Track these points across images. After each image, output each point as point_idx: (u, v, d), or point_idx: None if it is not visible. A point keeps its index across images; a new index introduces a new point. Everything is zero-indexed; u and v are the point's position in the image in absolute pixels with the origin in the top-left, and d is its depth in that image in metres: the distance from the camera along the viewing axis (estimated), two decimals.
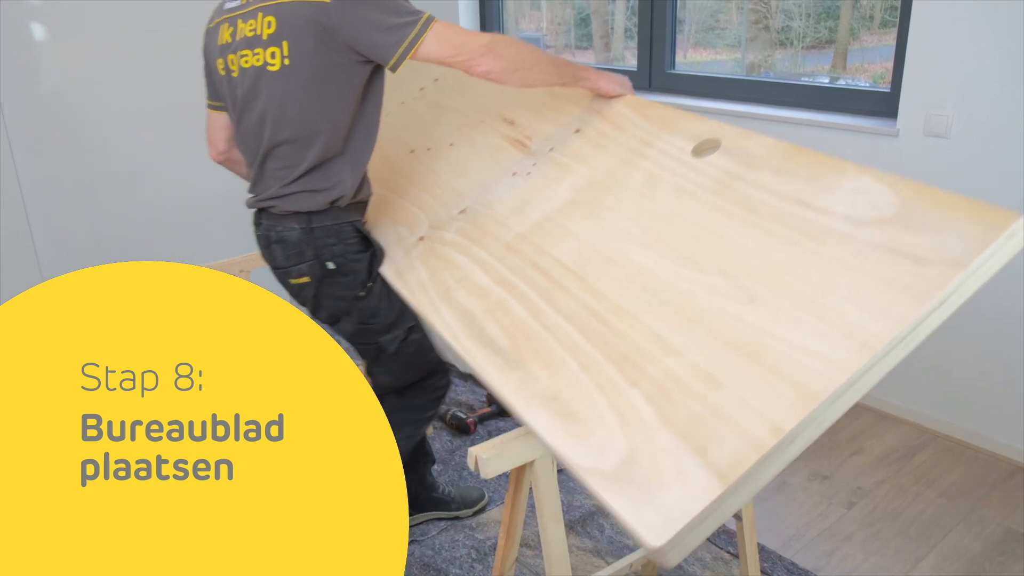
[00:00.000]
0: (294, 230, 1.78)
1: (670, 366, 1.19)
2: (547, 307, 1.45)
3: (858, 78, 3.00)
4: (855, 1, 2.94)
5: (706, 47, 3.52)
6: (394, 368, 1.97)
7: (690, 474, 1.03)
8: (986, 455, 2.55)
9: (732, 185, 1.46)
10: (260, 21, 1.67)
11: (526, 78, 1.71)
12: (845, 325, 1.10)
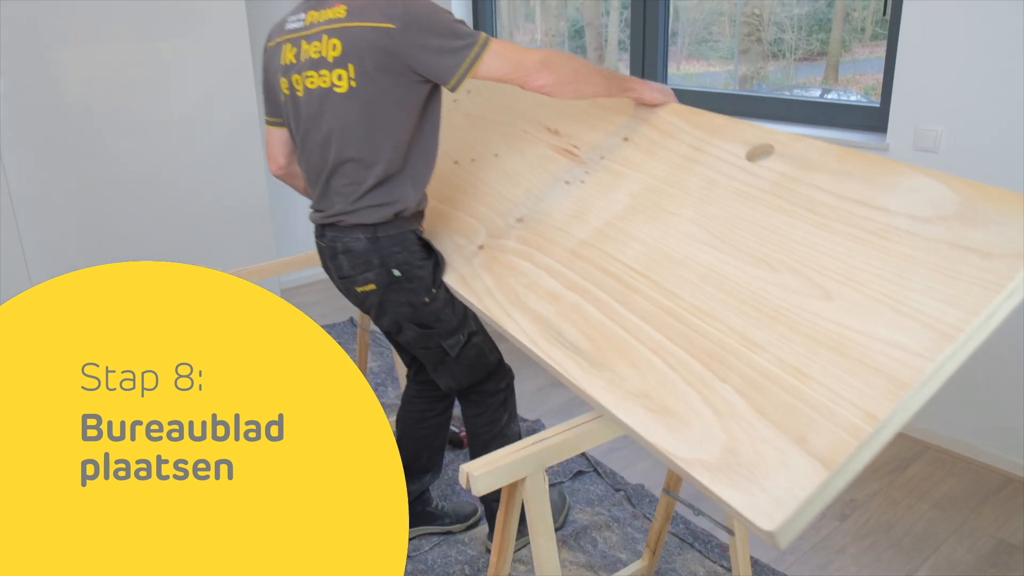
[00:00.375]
0: (360, 240, 1.84)
1: (757, 361, 1.25)
2: (623, 309, 1.50)
3: (850, 90, 3.02)
4: (846, 14, 2.96)
5: (699, 59, 3.54)
6: (456, 372, 2.01)
7: (793, 462, 1.09)
8: (978, 466, 2.56)
9: (791, 187, 1.53)
10: (325, 44, 1.74)
11: (578, 91, 1.79)
12: (922, 317, 1.17)
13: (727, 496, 1.09)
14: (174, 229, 3.22)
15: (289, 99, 1.85)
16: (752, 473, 1.10)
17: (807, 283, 1.33)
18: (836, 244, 1.36)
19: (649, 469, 2.59)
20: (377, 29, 1.68)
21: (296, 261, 2.44)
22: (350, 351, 3.47)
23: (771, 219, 1.49)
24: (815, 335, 1.23)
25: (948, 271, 1.20)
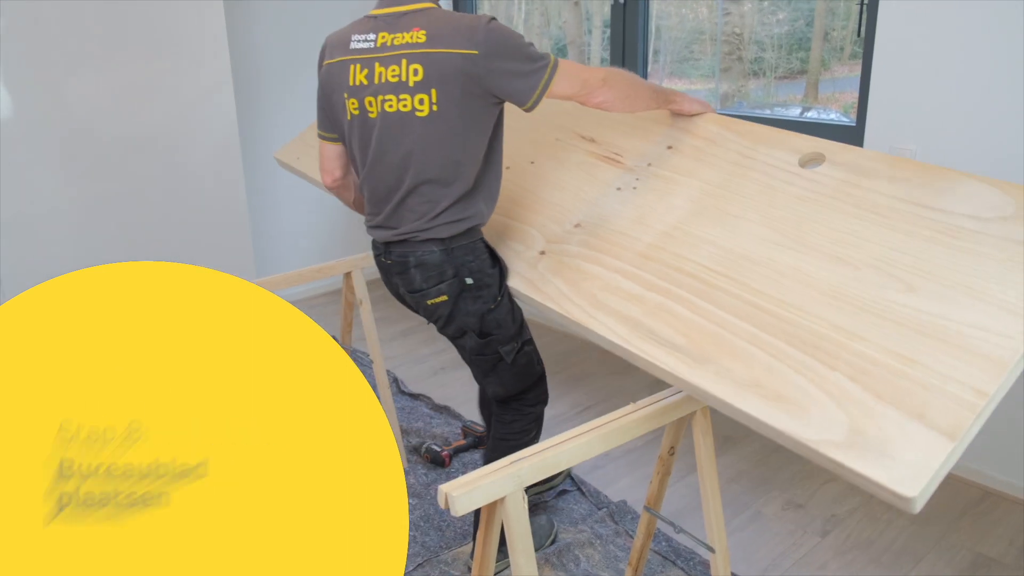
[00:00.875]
0: (434, 252, 1.89)
1: (859, 349, 1.36)
2: (711, 306, 1.57)
3: (830, 108, 3.05)
4: (825, 33, 3.00)
5: (681, 77, 3.57)
6: (506, 379, 2.06)
7: (918, 436, 1.21)
8: (956, 480, 2.58)
9: (851, 192, 1.63)
10: (405, 68, 1.77)
11: (632, 106, 1.91)
12: (1004, 304, 1.31)
13: (865, 470, 1.20)
14: (153, 247, 3.21)
15: (357, 119, 1.88)
16: (882, 449, 1.21)
17: (888, 277, 1.44)
18: (907, 242, 1.48)
19: (631, 486, 2.59)
20: (462, 55, 1.73)
21: (274, 281, 2.43)
22: None
23: (839, 221, 1.60)
24: (907, 323, 1.36)
25: (1018, 263, 1.36)
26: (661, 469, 1.85)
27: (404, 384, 3.31)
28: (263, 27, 3.97)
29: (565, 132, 2.26)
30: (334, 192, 2.16)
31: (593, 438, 1.51)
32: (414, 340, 3.81)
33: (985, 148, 2.33)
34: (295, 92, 4.14)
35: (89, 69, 2.93)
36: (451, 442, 2.82)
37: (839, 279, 1.48)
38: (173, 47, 3.11)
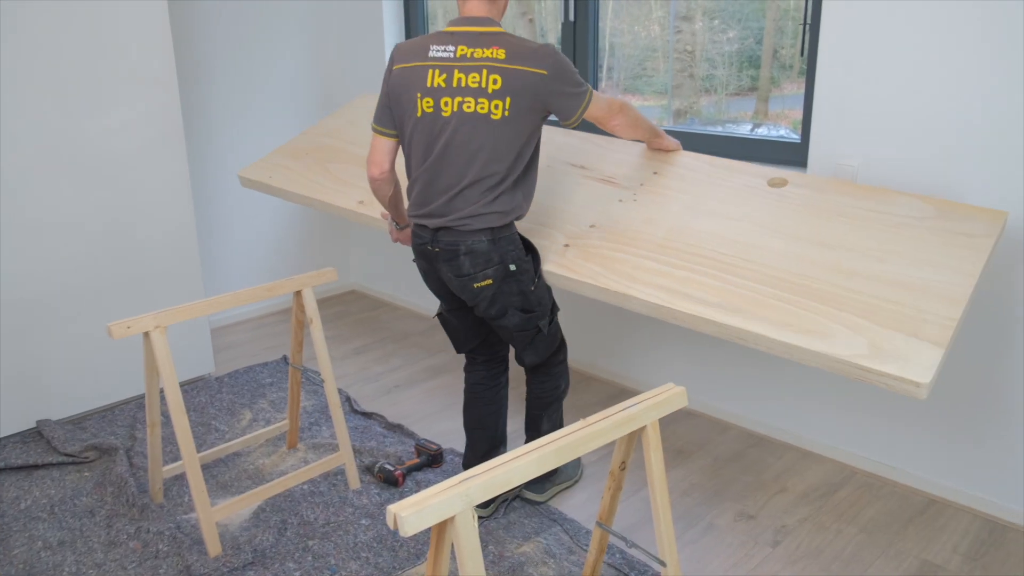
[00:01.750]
0: (483, 242, 2.20)
1: (859, 297, 1.90)
2: (732, 276, 2.06)
3: (779, 124, 3.11)
4: (774, 51, 3.06)
5: (635, 93, 3.61)
6: (541, 348, 2.42)
7: (918, 346, 1.76)
8: (902, 489, 2.63)
9: (817, 202, 2.18)
10: (485, 77, 2.11)
11: (634, 133, 2.37)
12: (950, 266, 1.90)
13: (890, 370, 1.72)
14: (98, 269, 3.14)
15: (428, 116, 2.18)
16: (897, 357, 1.74)
17: (862, 255, 2.00)
18: (870, 232, 2.05)
19: (585, 502, 2.60)
20: (534, 74, 2.10)
21: (224, 300, 2.39)
22: (282, 390, 3.41)
23: (812, 219, 2.14)
24: (888, 280, 1.92)
25: (953, 243, 1.95)
26: (612, 484, 1.85)
27: (357, 403, 3.28)
28: (209, 49, 3.93)
29: (555, 161, 2.68)
30: (377, 183, 2.35)
31: (544, 454, 1.51)
32: (366, 358, 3.78)
33: (924, 163, 2.39)
34: (244, 110, 4.10)
35: (35, 93, 2.87)
36: (404, 461, 2.79)
37: (827, 256, 2.01)
38: (117, 67, 3.06)
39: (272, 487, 2.49)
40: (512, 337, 2.39)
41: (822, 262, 2.00)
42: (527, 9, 3.94)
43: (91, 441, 2.93)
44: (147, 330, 2.24)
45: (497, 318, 2.33)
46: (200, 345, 3.53)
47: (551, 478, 2.62)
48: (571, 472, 2.70)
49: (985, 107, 2.25)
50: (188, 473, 2.28)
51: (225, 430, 3.08)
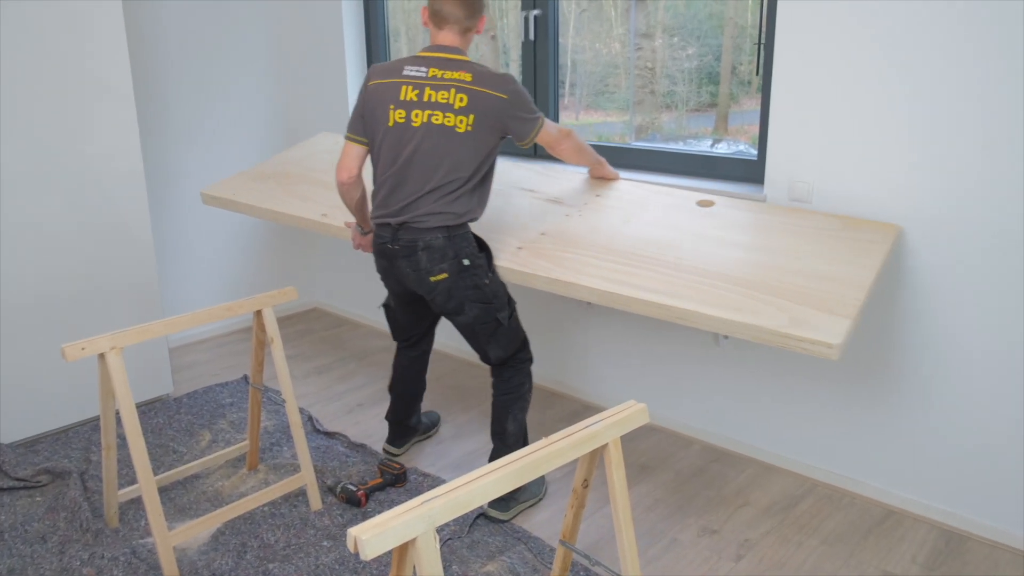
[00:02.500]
0: (439, 238, 2.43)
1: (780, 285, 2.17)
2: (668, 270, 2.33)
3: (739, 139, 3.15)
4: (733, 68, 3.11)
5: (597, 109, 3.63)
6: (503, 341, 2.59)
7: (830, 319, 2.04)
8: (862, 500, 2.66)
9: (739, 218, 2.54)
10: (453, 95, 2.37)
11: (579, 159, 2.72)
12: (855, 263, 2.23)
13: (809, 335, 1.98)
14: (54, 289, 3.08)
15: (399, 127, 2.43)
16: (813, 326, 2.01)
17: (782, 254, 2.31)
18: (787, 239, 2.38)
19: (549, 520, 2.59)
20: (495, 97, 2.38)
21: (183, 320, 2.36)
22: (243, 410, 3.36)
23: (737, 230, 2.47)
24: (804, 272, 2.22)
25: (856, 248, 2.30)
26: (575, 502, 1.85)
27: (319, 423, 3.24)
28: (166, 74, 3.89)
29: (509, 188, 2.98)
30: (346, 187, 2.55)
31: (506, 474, 1.50)
32: (328, 377, 3.74)
33: (876, 182, 2.44)
34: (203, 133, 4.06)
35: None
36: (367, 481, 2.77)
37: (752, 256, 2.31)
38: (73, 81, 3.01)
39: (231, 509, 2.45)
40: (475, 333, 2.56)
41: (747, 260, 2.29)
42: (490, 26, 3.96)
43: (43, 465, 2.86)
44: (102, 351, 2.20)
45: (456, 313, 2.52)
46: (158, 365, 3.47)
47: (515, 496, 2.64)
48: (535, 490, 2.72)
49: (936, 127, 2.30)
50: (144, 496, 2.23)
51: (183, 452, 3.03)
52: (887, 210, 2.44)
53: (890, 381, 2.55)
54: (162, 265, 4.03)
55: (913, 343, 2.48)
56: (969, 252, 2.32)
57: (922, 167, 2.36)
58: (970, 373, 2.39)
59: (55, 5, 2.93)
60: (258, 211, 3.26)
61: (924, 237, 2.39)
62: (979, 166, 2.25)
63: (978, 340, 2.36)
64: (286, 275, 4.60)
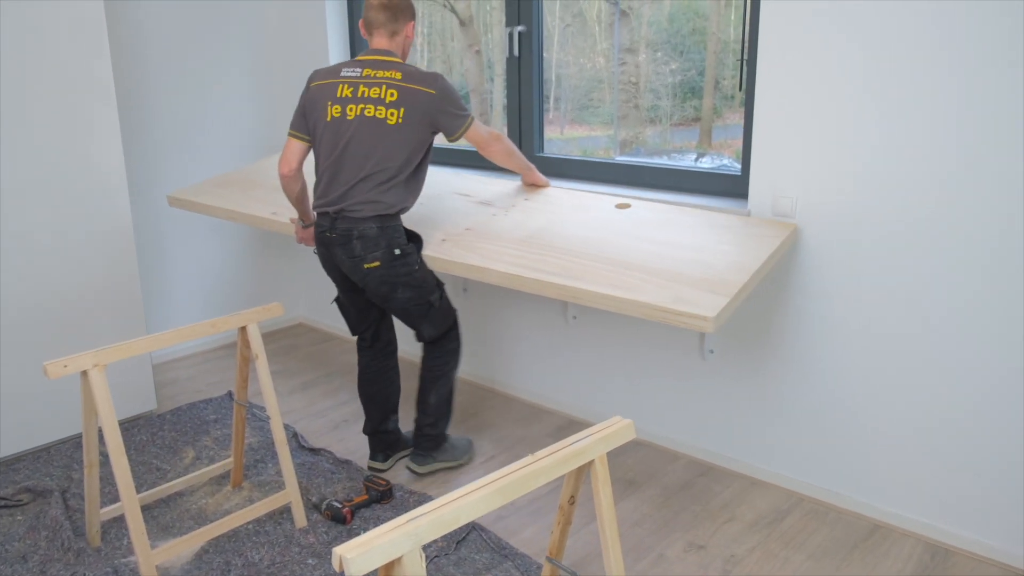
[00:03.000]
0: (373, 228, 2.61)
1: (672, 269, 2.38)
2: (574, 258, 2.52)
3: (723, 153, 3.17)
4: (716, 82, 3.13)
5: (582, 123, 3.65)
6: (436, 320, 2.82)
7: (710, 296, 2.22)
8: (848, 515, 2.66)
9: (655, 218, 2.75)
10: (384, 90, 2.58)
11: (509, 162, 2.90)
12: (745, 253, 2.44)
13: (689, 309, 2.16)
14: (35, 306, 3.05)
15: (336, 121, 2.62)
16: (694, 303, 2.19)
17: (683, 247, 2.51)
18: (692, 234, 2.59)
19: (536, 536, 2.58)
20: (424, 92, 2.58)
21: (167, 337, 2.34)
22: (227, 427, 3.34)
23: (648, 227, 2.67)
24: (697, 260, 2.41)
25: (750, 241, 2.51)
26: (562, 519, 1.85)
27: (304, 439, 3.22)
28: (150, 78, 3.89)
29: (444, 192, 3.22)
30: (287, 179, 2.76)
31: (492, 491, 1.50)
32: (313, 393, 3.72)
33: (860, 196, 2.46)
34: (185, 141, 4.04)
35: None
36: (353, 498, 2.75)
37: (654, 247, 2.52)
38: (56, 94, 3.00)
39: (215, 527, 2.43)
40: (408, 313, 2.77)
41: (649, 250, 2.50)
42: (473, 41, 3.98)
43: (24, 483, 2.83)
44: (85, 369, 2.18)
45: (388, 298, 2.71)
46: (141, 381, 3.44)
47: (434, 454, 2.95)
48: (458, 454, 3.01)
49: (918, 142, 2.33)
50: (127, 515, 2.21)
51: (167, 469, 3.00)
52: (869, 221, 2.46)
53: (873, 395, 2.56)
54: (145, 280, 4.01)
55: (902, 359, 2.50)
56: (971, 254, 2.34)
57: (912, 184, 2.38)
58: (957, 385, 2.41)
59: (35, 22, 2.92)
60: (215, 210, 3.47)
61: (911, 241, 2.41)
62: (959, 177, 2.28)
63: (967, 352, 2.37)
64: (270, 290, 4.58)
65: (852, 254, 2.51)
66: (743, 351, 2.84)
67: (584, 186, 3.20)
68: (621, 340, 3.19)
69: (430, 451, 2.94)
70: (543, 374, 3.52)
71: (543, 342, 3.48)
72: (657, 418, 3.16)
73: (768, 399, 2.82)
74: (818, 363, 2.66)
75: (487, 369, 3.76)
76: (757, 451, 2.89)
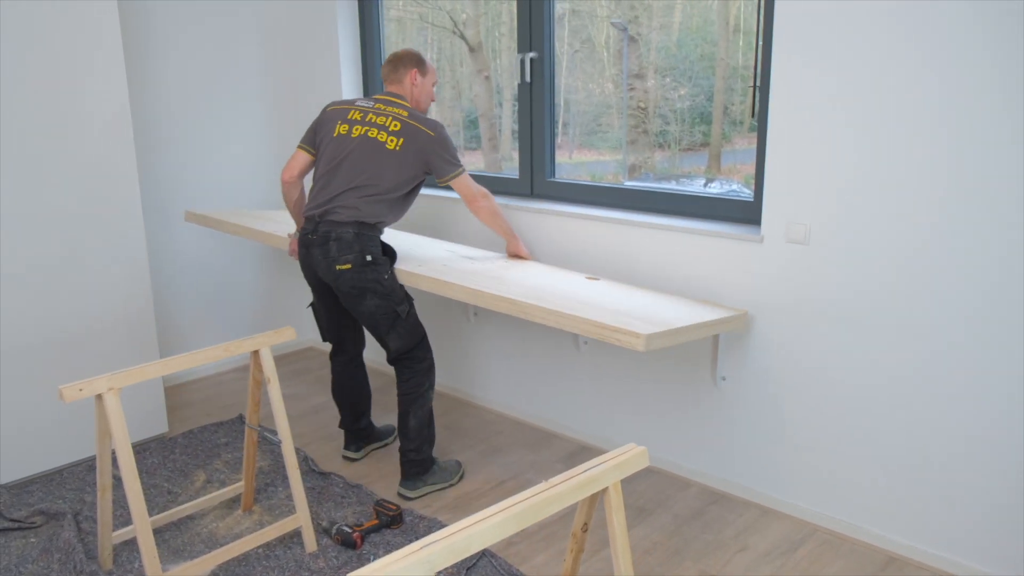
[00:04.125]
0: (349, 232, 2.81)
1: (621, 309, 2.56)
2: (536, 291, 2.70)
3: (731, 179, 3.18)
4: (725, 108, 3.15)
5: (590, 148, 3.67)
6: (403, 333, 2.93)
7: (648, 325, 2.37)
8: (863, 547, 2.64)
9: (617, 290, 2.88)
10: (389, 120, 2.88)
11: (492, 220, 3.08)
12: (690, 315, 2.65)
13: (628, 327, 2.31)
14: (50, 330, 3.07)
15: (341, 137, 2.90)
16: (632, 326, 2.33)
17: (636, 306, 2.67)
18: (649, 301, 2.77)
19: (547, 562, 2.57)
20: (424, 132, 2.87)
21: (180, 361, 2.35)
22: (238, 450, 3.34)
23: (612, 293, 2.84)
24: (648, 315, 2.54)
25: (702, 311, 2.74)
26: (574, 546, 1.84)
27: (315, 463, 3.22)
28: (162, 103, 3.93)
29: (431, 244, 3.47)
30: (287, 185, 3.02)
31: (506, 518, 1.49)
32: (325, 416, 3.72)
33: (874, 223, 2.46)
34: (202, 169, 4.08)
35: None
36: (363, 522, 2.74)
37: (618, 304, 2.65)
38: (69, 114, 3.04)
39: (226, 551, 2.42)
40: (376, 322, 2.90)
41: (608, 300, 2.69)
42: (483, 67, 4.01)
43: (38, 506, 2.83)
44: (100, 392, 2.19)
45: (357, 303, 2.86)
46: (154, 405, 3.45)
47: (424, 477, 3.02)
48: (447, 476, 3.08)
49: (934, 168, 2.33)
50: (139, 538, 2.21)
51: (178, 492, 3.00)
52: (883, 247, 2.46)
53: (888, 425, 2.55)
54: (158, 303, 4.03)
55: (919, 389, 2.49)
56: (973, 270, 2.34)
57: (927, 212, 2.38)
58: (973, 417, 2.39)
59: (50, 54, 2.96)
60: (227, 226, 3.59)
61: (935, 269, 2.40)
62: (976, 202, 2.28)
63: (985, 382, 2.36)
64: (282, 314, 4.60)
65: (866, 279, 2.51)
66: (756, 378, 2.83)
67: (593, 211, 3.21)
68: (632, 366, 3.19)
69: (419, 475, 3.01)
70: (553, 399, 3.52)
71: (553, 368, 3.48)
72: (668, 445, 3.15)
73: (781, 426, 2.80)
74: (832, 390, 2.65)
75: (496, 394, 3.76)
76: (770, 479, 2.87)
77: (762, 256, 2.73)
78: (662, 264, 3.01)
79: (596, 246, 3.20)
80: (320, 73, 4.23)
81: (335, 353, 3.20)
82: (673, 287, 3.00)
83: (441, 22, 4.18)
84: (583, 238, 3.24)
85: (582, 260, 3.26)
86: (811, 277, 2.62)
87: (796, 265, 2.65)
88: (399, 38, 4.28)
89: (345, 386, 3.22)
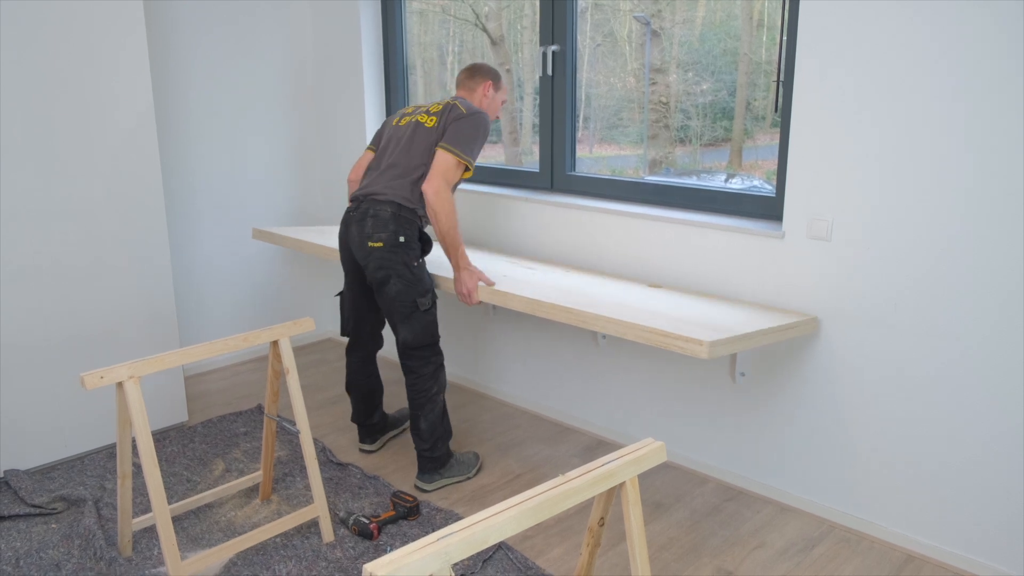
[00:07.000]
0: (387, 211, 2.85)
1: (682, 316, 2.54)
2: (597, 303, 2.68)
3: (753, 175, 3.15)
4: (747, 103, 3.12)
5: (611, 143, 3.65)
6: (415, 327, 2.91)
7: (708, 331, 2.32)
8: (880, 544, 2.62)
9: (680, 297, 2.91)
10: (435, 105, 2.99)
11: (442, 227, 2.83)
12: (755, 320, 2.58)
13: (691, 335, 2.26)
14: (74, 320, 3.10)
15: (395, 127, 3.06)
16: (689, 331, 2.30)
17: (699, 312, 2.68)
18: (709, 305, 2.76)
19: (563, 556, 2.57)
20: (459, 109, 2.91)
21: (200, 350, 2.37)
22: (256, 439, 3.36)
23: (678, 299, 2.84)
24: (712, 318, 2.58)
25: (767, 316, 2.67)
26: (591, 541, 1.83)
27: (332, 454, 3.24)
28: (184, 106, 3.95)
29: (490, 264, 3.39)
30: (351, 183, 3.19)
31: (523, 511, 1.49)
32: (342, 407, 3.74)
33: (897, 220, 2.44)
34: (220, 161, 4.10)
35: (10, 139, 2.86)
36: (380, 513, 2.75)
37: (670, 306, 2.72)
38: (93, 112, 3.07)
39: (244, 540, 2.44)
40: (394, 309, 2.89)
41: (670, 307, 2.69)
42: (504, 60, 4.00)
43: (59, 492, 2.87)
44: (121, 380, 2.21)
45: (383, 283, 2.87)
46: (174, 394, 3.48)
47: (441, 470, 3.02)
48: (465, 468, 3.08)
49: (960, 167, 2.30)
50: (158, 526, 2.23)
51: (197, 480, 3.03)
52: (907, 247, 2.43)
53: (907, 424, 2.53)
54: (179, 293, 4.06)
55: (938, 389, 2.46)
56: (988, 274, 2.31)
57: (952, 210, 2.35)
58: (993, 418, 2.37)
59: (76, 54, 2.99)
60: (290, 242, 3.61)
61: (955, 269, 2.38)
62: (1002, 203, 2.25)
63: (1006, 385, 2.34)
64: (301, 305, 4.62)
65: (889, 278, 2.49)
66: (775, 375, 2.82)
67: (612, 205, 3.20)
68: (650, 361, 3.18)
69: (436, 470, 3.01)
70: (571, 394, 3.51)
71: (572, 363, 3.47)
72: (686, 440, 3.14)
73: (800, 424, 2.78)
74: (851, 388, 2.63)
75: (514, 387, 3.76)
76: (788, 476, 2.85)
77: (783, 252, 2.71)
78: (682, 259, 2.99)
79: (615, 240, 3.19)
80: (342, 73, 4.24)
81: (351, 348, 3.21)
82: (692, 283, 2.98)
83: (463, 15, 4.17)
84: (602, 232, 3.23)
85: (601, 255, 3.25)
86: (832, 274, 2.60)
87: (817, 262, 2.63)
88: (421, 31, 4.28)
89: (359, 384, 3.23)
